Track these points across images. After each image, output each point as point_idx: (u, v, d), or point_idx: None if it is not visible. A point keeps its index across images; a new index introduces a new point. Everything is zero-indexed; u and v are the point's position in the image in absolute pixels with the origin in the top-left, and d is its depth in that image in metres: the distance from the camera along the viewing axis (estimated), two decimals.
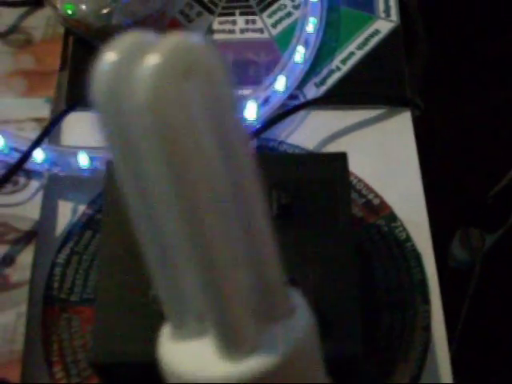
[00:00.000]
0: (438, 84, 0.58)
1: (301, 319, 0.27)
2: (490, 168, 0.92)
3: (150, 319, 0.39)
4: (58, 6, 0.54)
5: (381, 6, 0.60)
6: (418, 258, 0.49)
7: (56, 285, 0.48)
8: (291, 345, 0.26)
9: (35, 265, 0.48)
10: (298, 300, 0.28)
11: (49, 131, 0.50)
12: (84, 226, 0.51)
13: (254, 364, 0.25)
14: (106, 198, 0.44)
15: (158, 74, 0.22)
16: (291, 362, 0.26)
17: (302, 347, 0.26)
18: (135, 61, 0.22)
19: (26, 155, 0.49)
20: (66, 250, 0.50)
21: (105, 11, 0.54)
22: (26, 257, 0.48)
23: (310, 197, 0.44)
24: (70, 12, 0.54)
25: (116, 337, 0.40)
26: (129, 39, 0.24)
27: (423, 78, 0.59)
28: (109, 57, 0.23)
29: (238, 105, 0.25)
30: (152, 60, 0.22)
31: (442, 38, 0.59)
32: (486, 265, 0.97)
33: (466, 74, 0.68)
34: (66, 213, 0.51)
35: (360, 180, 0.52)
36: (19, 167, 0.49)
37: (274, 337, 0.26)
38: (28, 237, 0.49)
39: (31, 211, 0.50)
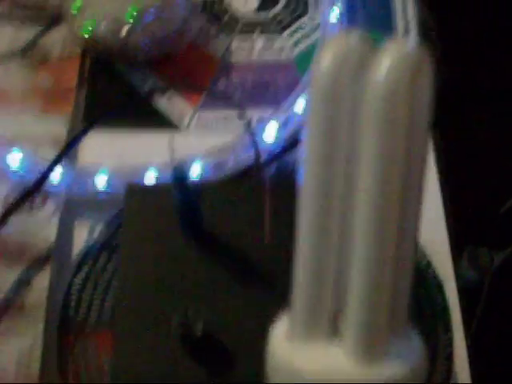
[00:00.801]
0: (452, 106, 0.57)
1: (417, 341, 0.29)
2: (498, 185, 0.91)
3: (169, 342, 0.39)
4: (77, 25, 0.54)
5: (400, 28, 0.59)
6: (439, 285, 0.49)
7: (72, 308, 0.48)
8: (417, 361, 0.28)
9: (51, 288, 0.48)
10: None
11: (66, 152, 0.50)
12: (100, 248, 0.50)
13: (387, 371, 0.26)
14: (126, 220, 0.44)
15: (394, 73, 0.25)
16: (414, 377, 0.27)
17: (421, 366, 0.28)
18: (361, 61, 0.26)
19: (44, 176, 0.48)
20: (83, 273, 0.49)
21: (123, 32, 0.53)
22: (42, 279, 0.47)
23: None
24: (88, 32, 0.53)
25: (135, 359, 0.39)
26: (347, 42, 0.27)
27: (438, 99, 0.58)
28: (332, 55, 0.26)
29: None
30: (386, 62, 0.25)
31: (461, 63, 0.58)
32: (494, 283, 0.96)
33: (477, 98, 0.68)
34: (83, 234, 0.50)
35: None
36: (37, 189, 0.48)
37: (401, 350, 0.28)
38: (44, 259, 0.48)
39: (47, 233, 0.49)
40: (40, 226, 0.49)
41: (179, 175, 0.38)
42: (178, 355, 0.40)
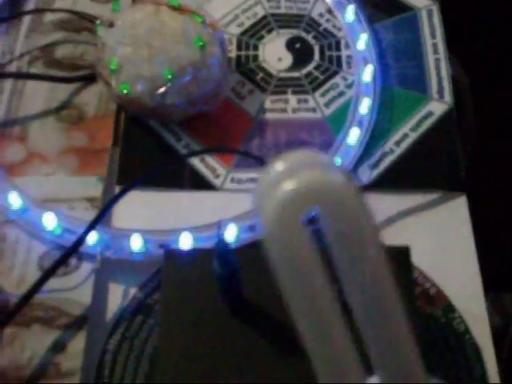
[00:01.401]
0: (489, 164, 0.57)
1: None
2: None
3: None
4: (113, 84, 0.54)
5: (434, 87, 0.59)
6: (477, 351, 0.48)
7: (107, 372, 0.47)
8: None
9: (87, 351, 0.47)
10: None
11: (104, 214, 0.50)
12: (135, 311, 0.50)
13: None
14: (164, 286, 0.43)
15: (284, 201, 0.23)
16: None
17: None
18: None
19: (81, 238, 0.48)
20: (117, 336, 0.49)
21: (160, 91, 0.53)
22: (77, 343, 0.47)
23: None
24: (125, 92, 0.53)
25: None
26: (295, 157, 0.25)
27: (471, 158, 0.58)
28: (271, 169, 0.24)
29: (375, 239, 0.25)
30: (286, 186, 0.23)
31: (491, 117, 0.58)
32: None
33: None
34: (117, 297, 0.50)
35: (415, 268, 0.51)
36: (74, 251, 0.48)
37: None
38: (79, 322, 0.48)
39: (82, 295, 0.49)
40: (75, 288, 0.49)
41: (222, 249, 0.38)
42: None
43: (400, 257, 0.44)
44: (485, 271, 0.51)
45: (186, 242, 0.49)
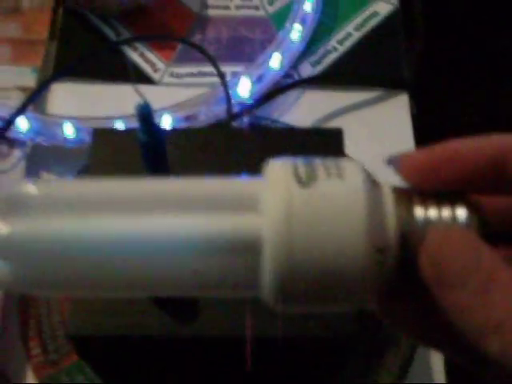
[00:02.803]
0: (436, 73, 0.56)
1: None
2: None
3: None
4: None
5: None
6: None
7: None
8: None
9: None
10: None
11: (33, 98, 0.48)
12: None
13: None
14: (91, 162, 0.42)
15: None
16: None
17: None
18: None
19: (9, 122, 0.47)
20: None
21: None
22: None
23: None
24: None
25: (95, 310, 0.38)
26: None
27: (420, 64, 0.58)
28: None
29: None
30: None
31: (441, 24, 0.58)
32: None
33: (466, 65, 0.66)
34: None
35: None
36: (2, 135, 0.47)
37: None
38: None
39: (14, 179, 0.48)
40: (6, 174, 0.48)
41: (143, 114, 0.37)
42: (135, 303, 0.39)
43: (332, 137, 0.43)
44: None
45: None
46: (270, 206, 0.21)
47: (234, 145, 0.43)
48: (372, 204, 0.21)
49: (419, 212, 0.21)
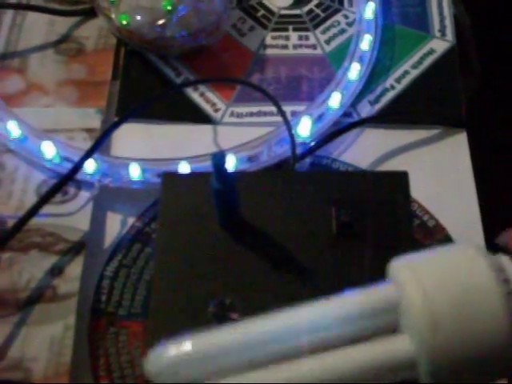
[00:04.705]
0: (491, 101, 0.57)
1: None
2: None
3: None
4: (113, 16, 0.54)
5: (436, 25, 0.59)
6: None
7: (104, 298, 0.47)
8: None
9: (83, 277, 0.47)
10: None
11: (101, 141, 0.50)
12: (133, 239, 0.50)
13: None
14: (162, 208, 0.43)
15: None
16: None
17: None
18: None
19: (78, 165, 0.48)
20: (115, 263, 0.49)
21: (159, 23, 0.53)
22: (74, 268, 0.47)
23: (370, 216, 0.43)
24: (124, 22, 0.53)
25: None
26: None
27: (475, 96, 0.58)
28: None
29: None
30: None
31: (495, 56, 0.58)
32: None
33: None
34: (115, 225, 0.50)
35: (414, 201, 0.51)
36: (71, 177, 0.48)
37: None
38: (77, 248, 0.48)
39: (81, 222, 0.49)
40: (73, 215, 0.49)
41: (218, 163, 0.38)
42: None
43: (398, 181, 0.44)
44: (484, 207, 0.51)
45: (184, 172, 0.49)
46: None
47: (301, 188, 0.43)
48: (497, 275, 0.23)
49: None
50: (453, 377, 0.23)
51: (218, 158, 0.38)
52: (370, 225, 0.42)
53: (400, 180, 0.44)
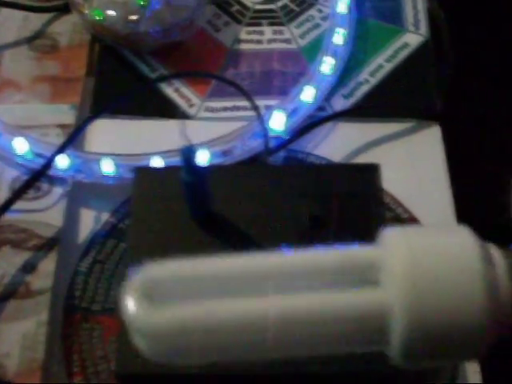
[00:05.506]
0: (465, 95, 0.57)
1: None
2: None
3: None
4: (86, 11, 0.54)
5: (410, 19, 0.59)
6: None
7: (78, 293, 0.47)
8: None
9: (57, 273, 0.47)
10: None
11: (74, 137, 0.50)
12: (107, 235, 0.50)
13: None
14: (134, 202, 0.43)
15: None
16: None
17: None
18: None
19: (50, 161, 0.48)
20: (89, 259, 0.49)
21: (133, 18, 0.53)
22: (47, 264, 0.47)
23: (342, 208, 0.43)
24: (98, 18, 0.53)
25: None
26: None
27: (449, 89, 0.58)
28: None
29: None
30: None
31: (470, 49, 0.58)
32: None
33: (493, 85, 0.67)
34: (89, 220, 0.50)
35: (388, 194, 0.51)
36: (43, 173, 0.48)
37: None
38: (50, 244, 0.48)
39: (54, 218, 0.49)
40: (46, 211, 0.49)
41: (188, 156, 0.38)
42: None
43: (370, 173, 0.44)
44: (457, 199, 0.51)
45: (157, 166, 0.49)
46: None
47: (273, 181, 0.43)
48: (485, 258, 0.23)
49: None
50: (425, 351, 0.23)
51: (187, 151, 0.38)
52: (342, 218, 0.42)
53: (372, 172, 0.44)
